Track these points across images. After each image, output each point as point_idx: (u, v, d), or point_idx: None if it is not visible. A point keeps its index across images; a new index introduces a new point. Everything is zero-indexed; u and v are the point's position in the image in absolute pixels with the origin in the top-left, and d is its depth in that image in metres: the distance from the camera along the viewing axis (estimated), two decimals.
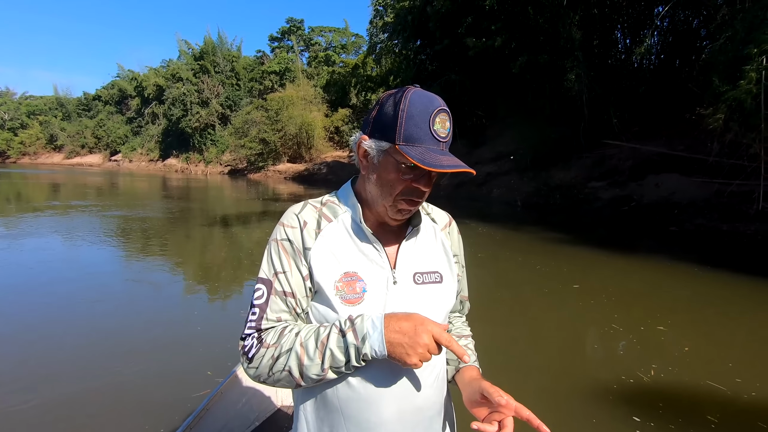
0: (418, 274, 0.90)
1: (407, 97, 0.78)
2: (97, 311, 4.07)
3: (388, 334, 0.76)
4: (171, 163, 40.45)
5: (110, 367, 2.98)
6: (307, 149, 30.02)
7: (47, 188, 18.92)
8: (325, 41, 41.94)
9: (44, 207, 11.64)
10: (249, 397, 1.89)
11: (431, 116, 0.77)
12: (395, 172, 0.81)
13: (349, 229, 0.89)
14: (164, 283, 5.16)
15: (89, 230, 8.24)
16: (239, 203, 14.71)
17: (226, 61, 39.91)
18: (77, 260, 6.02)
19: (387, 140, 0.80)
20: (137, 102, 47.33)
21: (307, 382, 0.79)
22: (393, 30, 19.13)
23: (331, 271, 0.84)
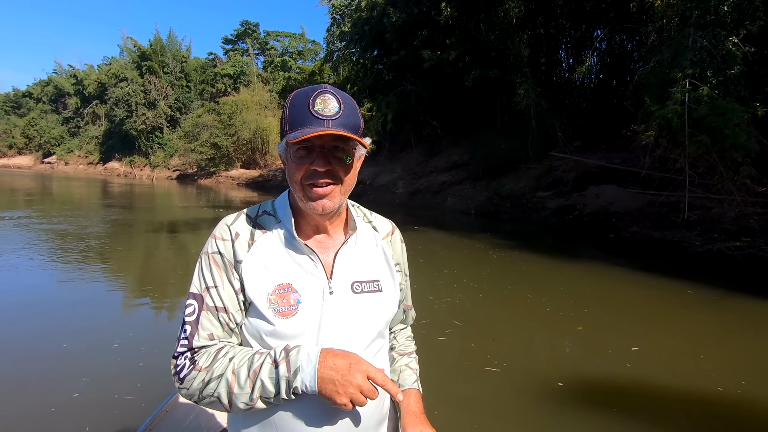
0: (356, 283, 0.88)
1: (293, 94, 0.81)
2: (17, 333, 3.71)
3: (321, 370, 0.74)
4: (113, 167, 38.07)
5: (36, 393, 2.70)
6: (262, 155, 29.35)
7: None
8: (282, 46, 41.40)
9: None
10: (197, 415, 1.78)
11: (311, 99, 0.77)
12: (293, 161, 0.81)
13: (284, 239, 0.87)
14: (101, 298, 4.83)
15: (15, 243, 7.57)
16: (188, 210, 14.07)
17: (175, 62, 38.28)
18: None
19: (283, 137, 0.81)
20: (76, 101, 44.23)
21: (236, 410, 0.78)
22: (350, 39, 19.26)
23: (263, 284, 0.82)
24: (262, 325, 0.82)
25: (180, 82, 37.78)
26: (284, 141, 0.81)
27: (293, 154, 0.81)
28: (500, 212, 12.05)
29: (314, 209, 0.82)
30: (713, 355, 3.56)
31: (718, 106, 6.78)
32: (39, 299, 4.49)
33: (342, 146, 0.80)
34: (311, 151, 0.79)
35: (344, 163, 0.81)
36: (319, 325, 0.83)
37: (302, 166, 0.80)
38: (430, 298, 4.65)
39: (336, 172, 0.81)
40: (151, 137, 36.02)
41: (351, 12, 18.96)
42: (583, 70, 12.36)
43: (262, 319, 0.81)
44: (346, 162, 0.81)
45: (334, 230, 0.91)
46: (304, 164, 0.80)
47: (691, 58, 7.20)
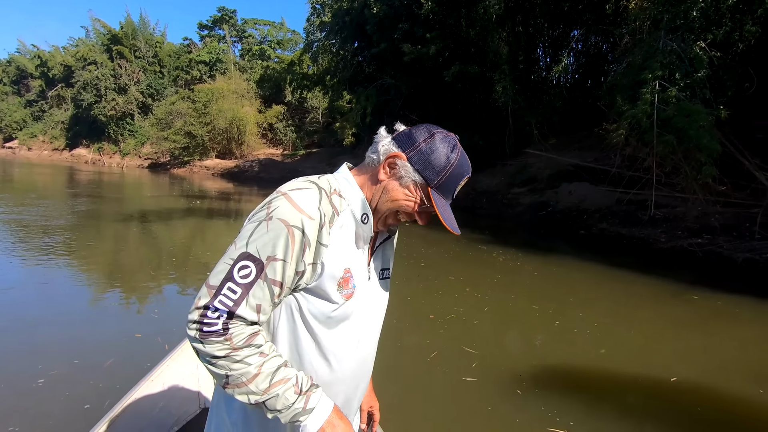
0: (381, 269, 1.00)
1: (458, 153, 0.89)
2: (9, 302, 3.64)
3: (326, 422, 0.83)
4: (80, 154, 36.56)
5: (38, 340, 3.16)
6: (238, 145, 28.73)
7: None
8: (260, 35, 40.43)
9: None
10: (168, 401, 1.75)
11: (462, 179, 0.90)
12: (413, 201, 0.89)
13: (352, 223, 0.89)
14: (65, 292, 4.67)
15: None
16: (160, 200, 13.67)
17: (148, 46, 36.88)
18: None
19: (424, 178, 0.88)
20: (40, 83, 42.12)
21: (231, 394, 0.81)
22: (330, 29, 19.01)
23: (338, 268, 0.86)
24: (326, 306, 0.86)
25: (153, 68, 36.45)
26: (420, 178, 0.88)
27: (418, 199, 0.89)
28: (477, 207, 12.22)
29: (382, 230, 0.96)
30: (673, 347, 3.73)
31: (684, 108, 7.04)
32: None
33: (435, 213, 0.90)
34: (425, 208, 0.90)
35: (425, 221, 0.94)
36: (363, 307, 0.93)
37: (415, 207, 0.90)
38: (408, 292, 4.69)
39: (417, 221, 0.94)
40: (122, 124, 34.69)
41: (332, 2, 18.69)
42: (559, 69, 12.61)
43: (328, 301, 0.86)
44: None
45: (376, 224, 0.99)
46: (415, 210, 0.90)
47: (661, 60, 7.44)
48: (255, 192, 18.14)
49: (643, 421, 2.54)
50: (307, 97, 28.33)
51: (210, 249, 6.94)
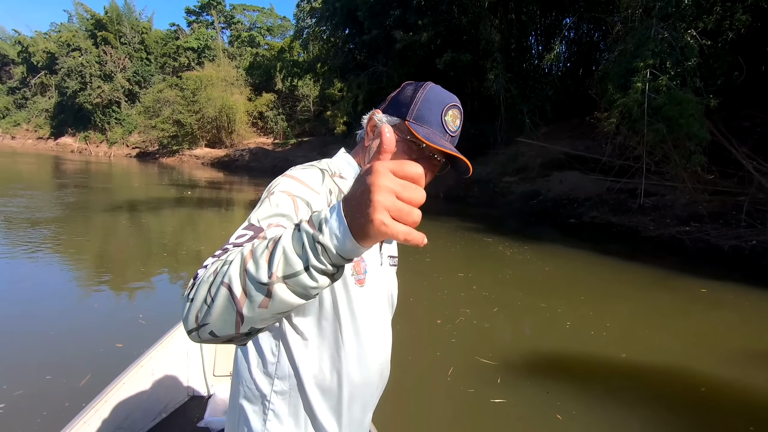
0: (390, 257, 0.93)
1: (428, 86, 0.83)
2: None
3: (343, 205, 0.51)
4: (66, 142, 35.85)
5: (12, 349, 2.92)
6: (228, 134, 28.38)
7: None
8: (249, 21, 39.72)
9: None
10: (156, 388, 1.76)
11: (445, 107, 0.81)
12: (399, 145, 0.80)
13: None
14: (48, 288, 4.61)
15: None
16: (150, 190, 13.49)
17: (134, 32, 36.04)
18: None
19: (398, 116, 0.81)
20: (22, 70, 41.03)
21: (252, 304, 0.54)
22: (321, 16, 18.71)
23: None
24: (337, 291, 0.78)
25: (139, 54, 35.66)
26: (396, 119, 0.81)
27: (403, 139, 0.80)
28: (469, 196, 12.25)
29: None
30: (659, 331, 3.81)
31: (675, 97, 7.08)
32: None
33: (441, 159, 0.82)
34: (420, 150, 0.80)
35: (434, 173, 0.85)
36: (376, 295, 0.85)
37: (405, 156, 0.80)
38: None
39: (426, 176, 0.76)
40: (108, 112, 34.03)
41: None
42: (551, 57, 12.57)
43: (341, 286, 0.78)
44: (435, 173, 0.85)
45: None
46: (407, 155, 0.80)
47: (653, 48, 7.46)
48: (246, 181, 17.98)
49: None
50: (298, 85, 27.98)
51: (201, 240, 6.88)
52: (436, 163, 0.83)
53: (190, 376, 1.97)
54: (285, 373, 0.79)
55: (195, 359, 2.02)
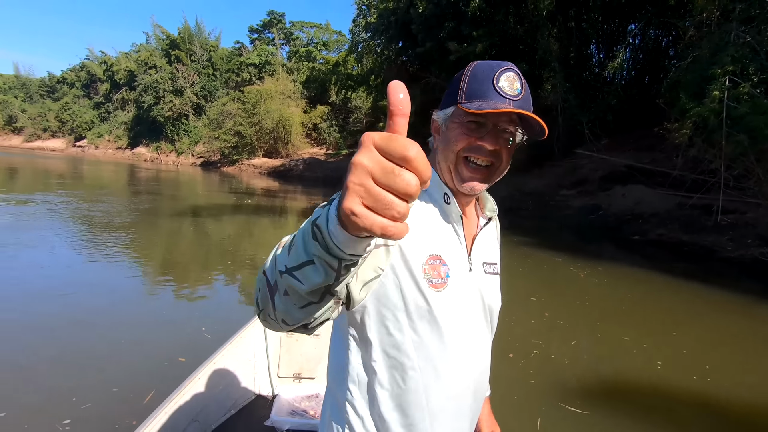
0: (485, 263, 0.86)
1: (472, 64, 0.78)
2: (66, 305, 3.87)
3: None
4: (140, 152, 39.08)
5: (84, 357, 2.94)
6: (284, 144, 29.61)
7: (10, 174, 17.93)
8: (307, 37, 41.48)
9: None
10: (226, 385, 1.88)
11: (495, 74, 0.74)
12: (458, 129, 0.77)
13: (434, 207, 0.81)
14: (137, 278, 4.98)
15: (43, 226, 7.87)
16: (212, 197, 14.35)
17: (203, 50, 38.87)
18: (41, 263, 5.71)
19: (451, 105, 0.78)
20: (106, 87, 45.45)
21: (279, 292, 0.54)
22: (375, 30, 19.14)
23: (419, 252, 0.75)
24: (407, 293, 0.75)
25: (207, 71, 38.36)
26: (450, 108, 0.78)
27: (461, 123, 0.77)
28: (522, 209, 11.86)
29: (463, 188, 0.79)
30: (745, 364, 3.44)
31: (759, 105, 6.47)
32: (61, 281, 4.65)
33: (512, 129, 0.77)
34: (482, 126, 0.76)
35: (508, 145, 0.78)
36: (462, 302, 0.79)
37: (468, 138, 0.76)
38: None
39: (499, 153, 0.77)
40: (177, 124, 36.76)
41: (377, 2, 18.81)
42: (614, 65, 11.99)
43: (413, 289, 0.74)
44: (509, 144, 0.78)
45: (470, 207, 0.88)
46: (471, 136, 0.76)
47: (733, 54, 6.88)
48: (299, 190, 18.61)
49: None
50: (351, 97, 28.71)
51: (257, 247, 7.19)
52: (507, 134, 0.77)
53: (257, 376, 2.08)
54: (356, 379, 0.78)
55: (261, 360, 2.13)
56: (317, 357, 2.21)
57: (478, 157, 0.77)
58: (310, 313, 0.55)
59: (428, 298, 0.74)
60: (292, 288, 0.51)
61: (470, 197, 0.84)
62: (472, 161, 0.77)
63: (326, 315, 0.61)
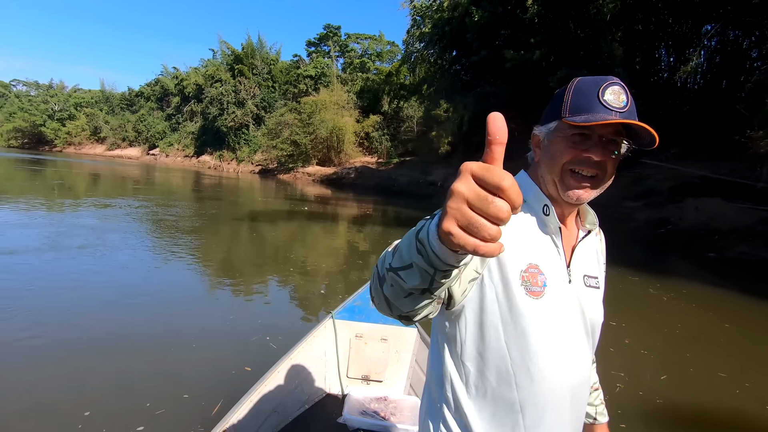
0: (586, 276, 0.87)
1: (575, 80, 0.80)
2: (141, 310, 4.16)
3: None
4: (205, 160, 41.72)
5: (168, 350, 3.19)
6: (337, 153, 30.38)
7: (94, 180, 19.83)
8: (361, 48, 42.49)
9: (87, 204, 12.23)
10: (301, 380, 1.99)
11: (600, 88, 0.76)
12: (563, 143, 0.79)
13: (532, 218, 0.83)
14: (206, 284, 5.32)
15: (121, 228, 8.60)
16: (269, 203, 15.02)
17: (264, 64, 41.01)
18: (117, 262, 6.26)
19: (554, 119, 0.81)
20: (177, 100, 49.14)
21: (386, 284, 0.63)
22: (429, 40, 19.24)
23: (517, 260, 0.78)
24: (500, 299, 0.77)
25: (267, 83, 40.38)
26: (553, 123, 0.81)
27: (566, 137, 0.79)
28: None
29: (569, 197, 0.80)
30: None
31: None
32: (133, 282, 5.05)
33: (618, 140, 0.79)
34: (587, 138, 0.78)
35: (613, 156, 0.79)
36: (560, 313, 0.80)
37: (573, 150, 0.78)
38: None
39: (605, 164, 0.79)
40: (239, 134, 38.91)
41: (432, 13, 18.92)
42: (687, 69, 11.18)
43: (509, 296, 0.77)
44: (614, 155, 0.80)
45: (570, 220, 0.89)
46: (576, 149, 0.78)
47: None
48: (351, 198, 18.98)
49: None
50: (403, 106, 28.97)
51: (313, 252, 7.41)
52: (613, 146, 0.78)
53: (327, 374, 2.18)
54: (451, 379, 0.81)
55: (331, 359, 2.23)
56: (384, 361, 2.26)
57: (584, 169, 0.78)
58: (413, 302, 0.61)
59: (525, 305, 0.76)
60: (397, 282, 0.59)
61: (571, 209, 0.86)
62: (578, 172, 0.79)
63: (427, 310, 0.67)
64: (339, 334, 2.28)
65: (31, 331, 3.27)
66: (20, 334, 3.19)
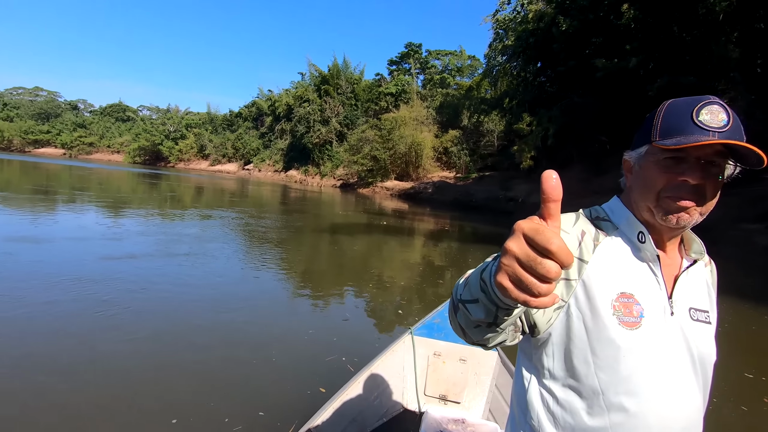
0: (693, 309, 0.80)
1: (666, 102, 0.77)
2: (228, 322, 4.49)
3: None
4: (291, 175, 44.68)
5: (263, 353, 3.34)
6: (415, 168, 30.70)
7: (198, 192, 22.25)
8: (442, 64, 42.85)
9: (192, 214, 13.73)
10: (380, 393, 2.03)
11: (695, 108, 0.71)
12: (655, 168, 0.75)
13: (626, 246, 0.79)
14: (287, 297, 5.67)
15: (224, 240, 9.47)
16: (348, 216, 15.60)
17: (348, 84, 43.17)
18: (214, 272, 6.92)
19: (644, 144, 0.78)
20: (270, 119, 53.52)
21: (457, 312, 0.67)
22: (513, 52, 18.81)
23: (607, 288, 0.74)
24: (601, 332, 0.74)
25: (350, 102, 42.39)
26: (644, 147, 0.78)
27: (657, 161, 0.75)
28: None
29: (668, 221, 0.75)
30: None
31: None
32: (226, 291, 5.51)
33: (719, 161, 0.73)
34: (682, 161, 0.73)
35: (716, 180, 0.74)
36: (659, 345, 0.75)
37: (667, 174, 0.74)
38: None
39: (704, 189, 0.73)
40: (323, 150, 41.17)
41: (516, 25, 18.52)
42: None
43: (600, 326, 0.74)
44: (718, 179, 0.74)
45: (671, 248, 0.83)
46: (669, 173, 0.74)
47: None
48: (427, 212, 18.98)
49: None
50: (484, 120, 28.49)
51: (392, 267, 7.53)
52: (714, 168, 0.72)
53: (405, 390, 2.19)
54: (536, 407, 0.80)
55: (409, 375, 2.24)
56: (463, 382, 2.22)
57: (679, 195, 0.74)
58: (482, 333, 0.66)
59: (618, 336, 0.73)
60: (465, 314, 0.64)
61: (671, 235, 0.80)
62: (675, 197, 0.74)
63: (500, 338, 0.70)
64: (417, 350, 2.28)
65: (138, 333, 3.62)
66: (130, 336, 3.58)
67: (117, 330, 3.55)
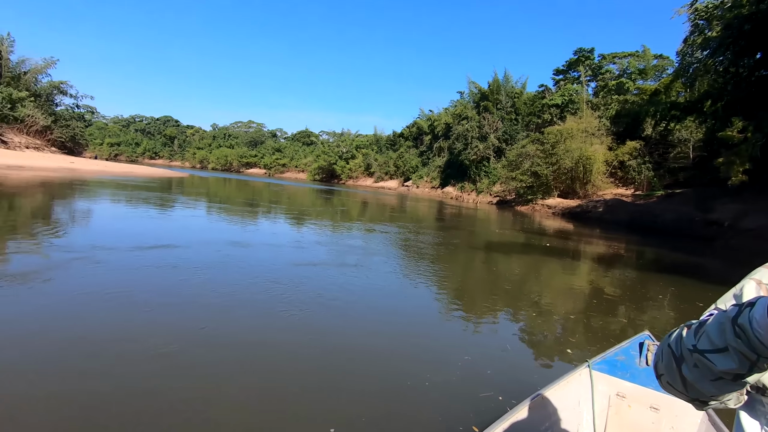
0: None
1: None
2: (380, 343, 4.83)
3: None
4: (448, 191, 45.44)
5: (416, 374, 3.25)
6: (583, 184, 27.83)
7: (364, 207, 24.58)
8: (619, 68, 38.07)
9: (359, 227, 15.19)
10: (552, 424, 1.92)
11: None
12: None
13: None
14: (448, 313, 5.81)
15: (386, 254, 10.19)
16: (505, 234, 15.05)
17: (508, 98, 42.03)
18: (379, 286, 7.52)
19: None
20: (429, 138, 55.73)
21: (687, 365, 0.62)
22: (719, 44, 15.56)
23: None
24: None
25: (509, 116, 41.13)
26: None
27: None
28: None
29: None
30: None
31: None
32: (387, 305, 5.88)
33: None
34: None
35: None
36: None
37: None
38: None
39: None
40: (480, 166, 40.78)
41: (724, 12, 15.29)
42: None
43: None
44: None
45: None
46: None
47: None
48: (596, 234, 16.94)
49: None
50: (674, 129, 24.13)
51: (553, 292, 7.00)
52: None
53: (580, 428, 2.02)
54: None
55: (586, 412, 2.07)
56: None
57: None
58: (720, 387, 0.59)
59: None
60: (704, 364, 0.58)
61: None
62: None
63: (730, 397, 0.63)
64: (596, 387, 2.07)
65: (307, 337, 4.24)
66: (302, 337, 4.22)
67: (289, 331, 4.08)
